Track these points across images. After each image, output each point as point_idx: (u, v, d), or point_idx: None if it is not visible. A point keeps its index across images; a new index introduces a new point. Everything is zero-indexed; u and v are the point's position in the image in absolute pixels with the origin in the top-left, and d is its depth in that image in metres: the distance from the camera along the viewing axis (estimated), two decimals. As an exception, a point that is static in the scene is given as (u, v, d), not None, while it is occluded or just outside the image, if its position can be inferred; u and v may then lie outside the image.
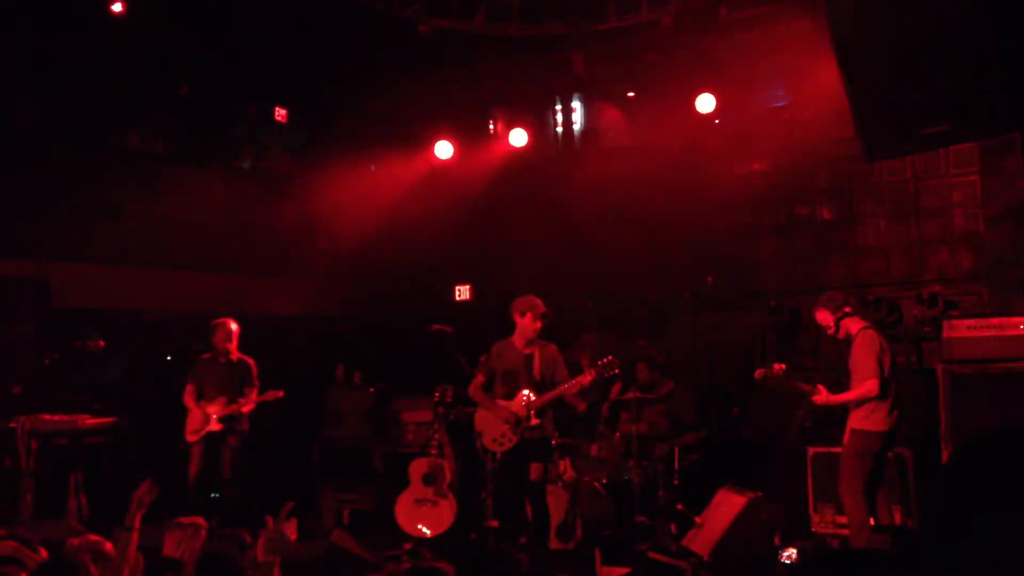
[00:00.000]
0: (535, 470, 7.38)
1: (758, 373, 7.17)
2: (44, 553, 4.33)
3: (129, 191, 9.95)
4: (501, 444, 7.25)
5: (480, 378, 7.42)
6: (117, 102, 10.29)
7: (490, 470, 7.37)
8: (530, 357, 7.35)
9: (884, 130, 5.86)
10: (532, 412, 7.20)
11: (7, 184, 9.02)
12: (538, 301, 7.36)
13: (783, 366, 7.09)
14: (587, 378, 7.21)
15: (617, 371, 7.30)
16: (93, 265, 9.78)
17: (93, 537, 4.54)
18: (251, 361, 8.65)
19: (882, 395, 6.61)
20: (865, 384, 6.61)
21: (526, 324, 7.33)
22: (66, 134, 9.76)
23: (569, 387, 7.32)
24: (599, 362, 7.24)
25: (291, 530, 4.24)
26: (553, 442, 7.51)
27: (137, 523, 4.38)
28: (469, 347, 8.14)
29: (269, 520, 4.21)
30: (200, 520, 4.97)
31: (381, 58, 10.68)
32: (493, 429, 7.30)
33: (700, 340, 9.94)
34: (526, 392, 7.23)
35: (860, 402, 6.67)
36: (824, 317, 6.97)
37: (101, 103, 10.13)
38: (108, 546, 4.49)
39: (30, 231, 9.25)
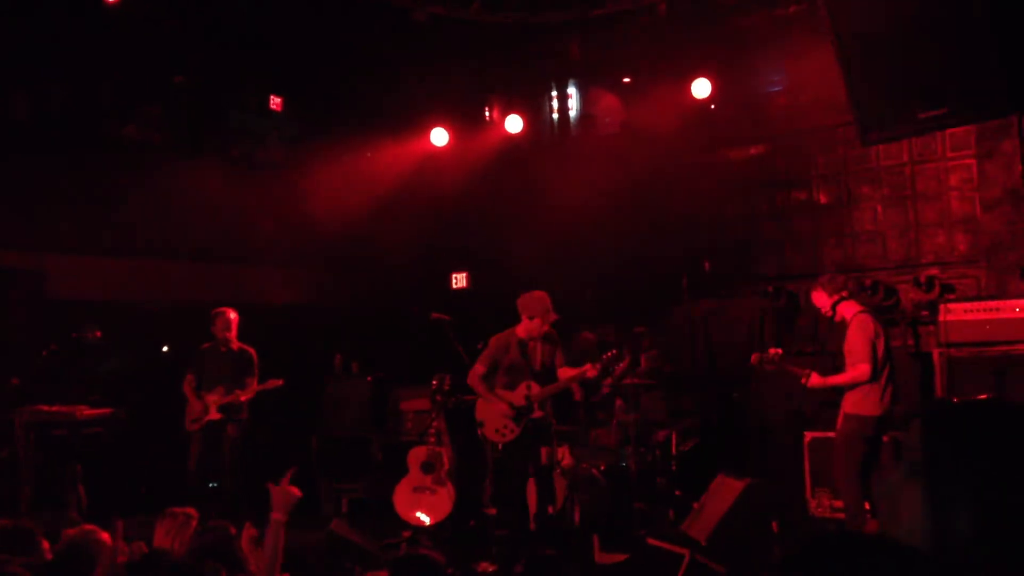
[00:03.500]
0: (544, 454, 7.36)
1: (754, 358, 7.17)
2: (46, 544, 4.33)
3: (125, 181, 9.91)
4: (503, 435, 7.18)
5: (481, 368, 7.33)
6: (112, 92, 10.25)
7: (492, 459, 7.33)
8: (534, 349, 7.29)
9: (880, 114, 5.85)
10: (536, 403, 7.15)
11: (1, 175, 8.99)
12: (548, 303, 7.26)
13: (779, 351, 7.09)
14: (592, 371, 7.16)
15: (624, 364, 7.29)
16: (89, 256, 9.76)
17: (89, 527, 4.55)
18: (252, 351, 8.64)
19: (875, 379, 6.61)
20: (857, 368, 6.61)
21: (534, 326, 7.26)
22: (60, 124, 9.72)
23: (572, 379, 7.28)
24: (604, 356, 7.19)
25: (295, 489, 4.29)
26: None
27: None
28: (467, 335, 8.14)
29: (271, 487, 4.25)
30: (191, 510, 4.98)
31: (376, 46, 10.65)
32: (495, 419, 7.22)
33: (698, 326, 9.95)
34: (528, 383, 7.19)
35: (853, 386, 6.67)
36: (821, 299, 6.97)
37: (96, 93, 10.10)
38: (105, 536, 4.50)
39: (25, 222, 9.22)
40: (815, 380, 6.80)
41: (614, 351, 7.22)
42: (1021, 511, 1.55)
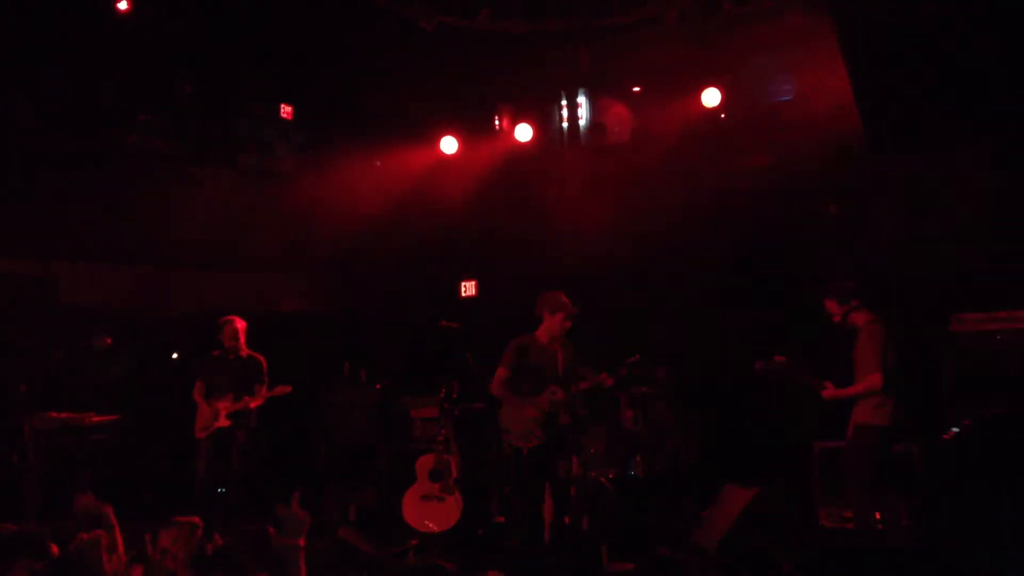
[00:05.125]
0: (563, 468, 7.31)
1: (758, 365, 7.15)
2: (55, 549, 4.34)
3: (134, 189, 9.96)
4: (529, 441, 7.01)
5: (504, 372, 7.15)
6: (122, 101, 10.30)
7: (515, 466, 7.24)
8: (555, 354, 7.21)
9: (889, 124, 5.86)
10: (561, 409, 7.09)
11: (13, 183, 9.04)
12: (567, 300, 7.19)
13: (784, 358, 7.06)
14: (609, 381, 7.08)
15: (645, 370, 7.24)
16: (99, 264, 9.80)
17: (98, 531, 4.56)
18: (261, 358, 8.63)
19: (887, 389, 6.59)
20: (869, 378, 6.60)
21: (555, 323, 7.15)
22: (70, 133, 9.76)
23: (598, 382, 7.21)
24: (627, 360, 7.14)
25: (303, 512, 4.31)
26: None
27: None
28: (475, 343, 8.12)
29: (280, 507, 4.27)
30: (196, 519, 4.99)
31: (386, 55, 10.69)
32: (520, 426, 7.04)
33: (707, 335, 9.93)
34: (553, 388, 7.13)
35: (864, 396, 6.65)
36: (831, 307, 6.96)
37: (106, 101, 10.15)
38: (119, 540, 4.51)
39: (36, 230, 9.26)
40: (830, 392, 6.77)
41: (637, 355, 7.15)
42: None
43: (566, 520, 7.32)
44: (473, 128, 11.57)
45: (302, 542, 4.24)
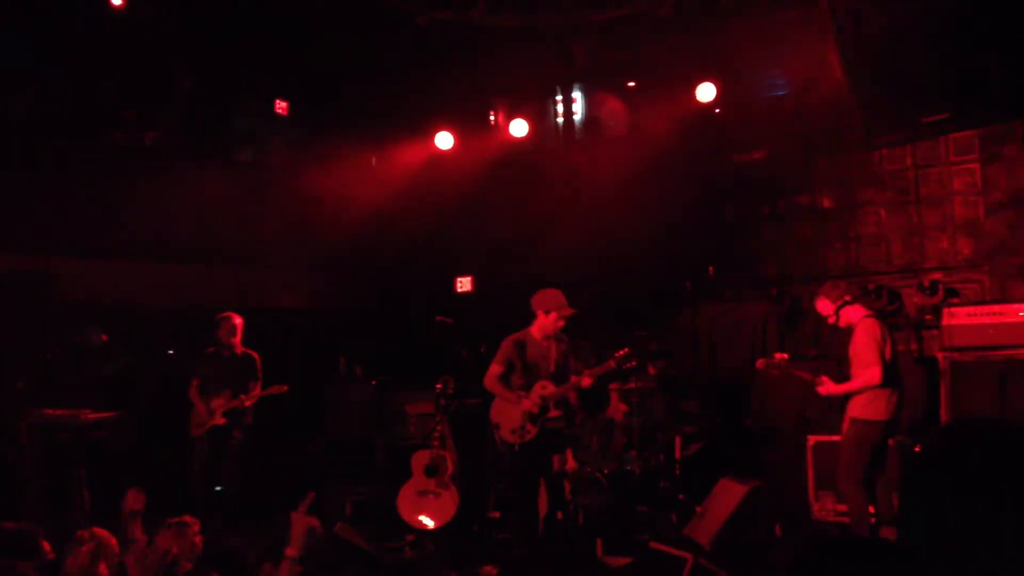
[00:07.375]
0: (556, 462, 7.33)
1: (760, 363, 7.16)
2: (48, 547, 4.35)
3: (130, 185, 9.94)
4: (520, 436, 7.03)
5: (498, 368, 7.17)
6: (117, 95, 10.28)
7: (509, 461, 7.24)
8: (547, 349, 7.22)
9: (884, 118, 5.87)
10: (551, 403, 7.10)
11: (8, 179, 9.02)
12: (563, 299, 7.17)
13: (785, 356, 7.08)
14: (587, 381, 7.10)
15: (635, 363, 7.23)
16: (94, 259, 9.78)
17: (99, 531, 4.57)
18: (256, 355, 8.64)
19: (882, 384, 6.60)
20: (867, 372, 6.60)
21: (548, 322, 7.15)
22: (66, 128, 9.74)
23: (586, 377, 7.23)
24: (617, 354, 7.13)
25: (316, 521, 4.29)
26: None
27: (139, 533, 4.43)
28: (470, 338, 8.14)
29: (294, 517, 4.26)
30: (188, 518, 4.99)
31: (381, 50, 10.67)
32: (511, 420, 7.07)
33: (702, 329, 9.96)
34: (543, 383, 7.15)
35: (862, 391, 6.66)
36: (824, 306, 6.96)
37: (101, 96, 10.13)
38: (114, 541, 4.51)
39: (32, 226, 9.24)
40: (829, 388, 6.77)
41: (626, 350, 7.15)
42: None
43: (559, 515, 7.34)
44: (468, 123, 11.57)
45: (297, 554, 4.22)
